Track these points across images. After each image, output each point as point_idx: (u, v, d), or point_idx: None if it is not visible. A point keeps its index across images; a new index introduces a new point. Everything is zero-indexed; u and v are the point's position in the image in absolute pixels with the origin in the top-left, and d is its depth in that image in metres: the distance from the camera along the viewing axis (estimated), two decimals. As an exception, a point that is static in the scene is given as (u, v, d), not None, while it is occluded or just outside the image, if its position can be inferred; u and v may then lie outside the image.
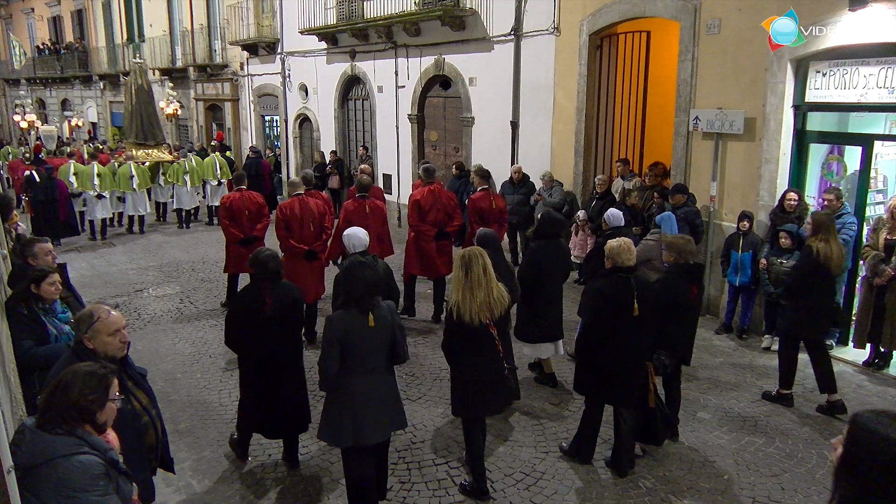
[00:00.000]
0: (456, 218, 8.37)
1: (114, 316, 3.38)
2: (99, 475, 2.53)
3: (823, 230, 5.78)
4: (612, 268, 4.80)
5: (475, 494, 4.73)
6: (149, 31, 23.64)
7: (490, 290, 4.35)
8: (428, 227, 8.16)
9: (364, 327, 4.01)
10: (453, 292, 4.42)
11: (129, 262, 11.94)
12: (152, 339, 7.99)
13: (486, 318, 4.33)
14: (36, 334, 4.33)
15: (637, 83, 10.30)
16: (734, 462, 5.16)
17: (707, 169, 8.44)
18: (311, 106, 17.14)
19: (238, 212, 8.57)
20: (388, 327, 4.13)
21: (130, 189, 14.17)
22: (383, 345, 4.13)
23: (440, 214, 8.21)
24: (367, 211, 8.05)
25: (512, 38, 11.36)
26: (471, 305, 4.29)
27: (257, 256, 4.94)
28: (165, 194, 15.54)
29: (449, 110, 13.41)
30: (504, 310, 4.50)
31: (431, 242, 8.18)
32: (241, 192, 8.78)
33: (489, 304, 4.34)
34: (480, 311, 4.30)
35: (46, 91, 32.58)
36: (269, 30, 17.59)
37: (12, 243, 6.62)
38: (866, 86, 6.84)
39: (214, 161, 15.63)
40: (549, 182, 10.38)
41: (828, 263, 5.74)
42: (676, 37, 8.79)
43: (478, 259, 4.36)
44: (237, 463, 5.23)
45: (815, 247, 5.77)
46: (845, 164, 7.65)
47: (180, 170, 14.96)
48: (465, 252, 4.44)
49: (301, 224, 7.57)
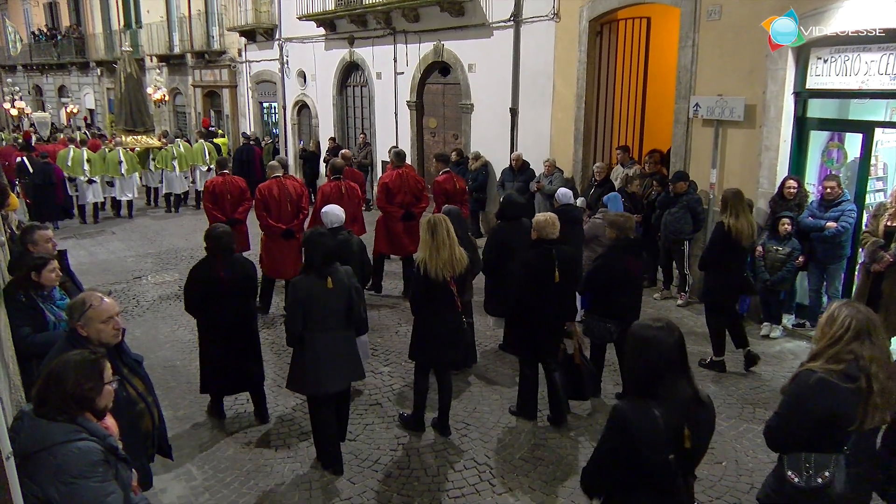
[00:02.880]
0: (423, 200, 8.84)
1: (107, 303, 3.35)
2: (98, 461, 2.53)
3: (732, 206, 6.25)
4: (537, 239, 5.34)
5: (411, 425, 5.45)
6: (146, 16, 23.46)
7: (452, 251, 4.98)
8: (395, 209, 8.66)
9: (323, 290, 4.60)
10: (420, 251, 5.06)
11: (127, 250, 11.93)
12: (151, 326, 7.99)
13: (448, 275, 4.95)
14: (34, 321, 4.32)
15: (637, 70, 10.25)
16: (733, 449, 5.17)
17: (707, 156, 8.41)
18: (309, 92, 17.06)
19: (221, 195, 8.86)
20: (345, 290, 4.72)
21: (119, 174, 14.55)
22: (341, 305, 4.71)
23: (408, 196, 8.72)
24: (343, 192, 8.46)
25: (511, 24, 11.28)
26: (436, 263, 4.90)
27: (211, 232, 5.40)
28: (155, 179, 16.01)
29: (448, 97, 13.35)
30: (464, 269, 5.08)
31: (399, 223, 8.65)
32: (223, 177, 9.07)
33: (451, 263, 4.96)
34: (444, 268, 4.92)
35: (43, 78, 32.40)
36: (266, 16, 17.47)
37: (9, 230, 6.60)
38: (868, 72, 6.80)
39: (203, 147, 16.07)
40: (550, 168, 10.36)
41: (739, 237, 6.21)
42: (677, 23, 8.73)
43: (442, 224, 5.00)
44: (237, 448, 5.24)
45: (726, 222, 6.23)
46: (846, 151, 7.62)
47: (168, 155, 15.43)
48: (430, 217, 5.09)
49: (279, 204, 8.05)
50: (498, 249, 6.34)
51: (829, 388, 2.83)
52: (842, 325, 2.91)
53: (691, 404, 2.60)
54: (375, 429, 5.54)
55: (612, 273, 5.56)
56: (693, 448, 2.61)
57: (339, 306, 4.70)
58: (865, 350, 2.86)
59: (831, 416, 2.85)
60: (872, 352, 2.86)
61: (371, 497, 4.63)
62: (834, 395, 2.83)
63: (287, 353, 5.81)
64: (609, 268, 5.59)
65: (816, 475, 2.93)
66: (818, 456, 2.93)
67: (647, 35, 10.02)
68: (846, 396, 2.83)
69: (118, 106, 17.32)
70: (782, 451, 3.09)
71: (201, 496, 4.67)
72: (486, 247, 6.56)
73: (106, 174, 14.45)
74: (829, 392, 2.83)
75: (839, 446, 2.91)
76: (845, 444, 2.91)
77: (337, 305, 4.68)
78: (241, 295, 5.35)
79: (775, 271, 7.11)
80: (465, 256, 5.11)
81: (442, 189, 8.78)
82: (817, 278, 7.29)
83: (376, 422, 5.65)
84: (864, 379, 2.82)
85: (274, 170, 8.35)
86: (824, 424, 2.87)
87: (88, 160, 14.22)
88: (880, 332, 2.93)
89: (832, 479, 2.91)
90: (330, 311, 4.66)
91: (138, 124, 17.14)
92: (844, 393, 2.82)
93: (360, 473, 4.90)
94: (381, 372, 6.61)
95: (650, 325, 2.69)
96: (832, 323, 2.96)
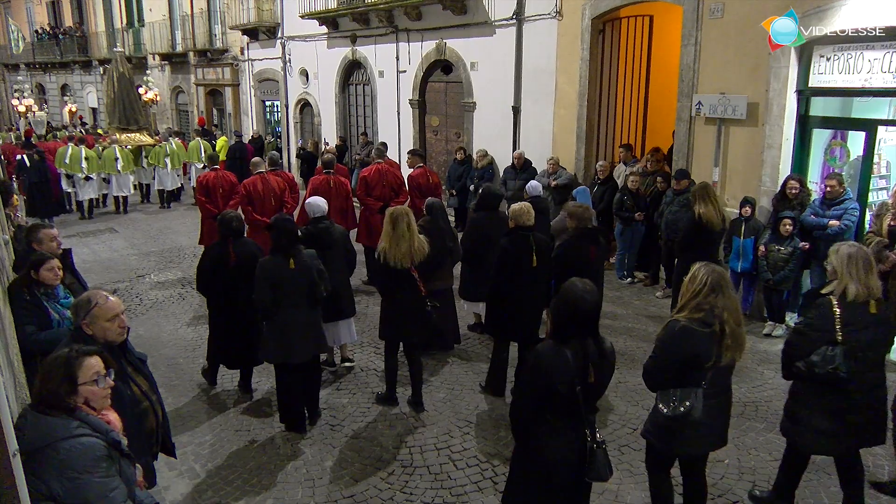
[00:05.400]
0: (402, 194, 9.12)
1: (111, 301, 3.35)
2: (101, 457, 2.54)
3: (701, 197, 7.10)
4: (514, 227, 5.69)
5: (386, 402, 5.83)
6: (148, 15, 23.48)
7: (412, 242, 5.34)
8: (373, 202, 8.92)
9: (287, 269, 5.09)
10: (381, 241, 5.41)
11: (130, 248, 11.96)
12: (154, 324, 8.01)
13: (408, 263, 5.34)
14: (38, 319, 4.34)
15: (639, 68, 10.25)
16: (734, 447, 5.17)
17: (709, 154, 8.41)
18: (311, 91, 17.07)
19: (213, 189, 9.28)
20: (307, 270, 5.18)
21: (115, 171, 14.98)
22: (304, 284, 5.17)
23: (386, 190, 9.02)
24: (331, 185, 8.80)
25: (514, 22, 11.28)
26: (395, 253, 5.30)
27: (223, 217, 5.94)
28: (148, 176, 16.45)
29: (450, 95, 13.35)
30: (424, 257, 5.43)
31: (376, 215, 8.74)
32: (215, 172, 9.52)
33: (410, 254, 5.33)
34: (403, 258, 5.31)
35: (46, 76, 32.43)
36: (269, 14, 17.47)
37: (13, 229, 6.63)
38: (871, 70, 6.80)
39: (199, 145, 16.43)
40: (554, 167, 10.35)
41: (710, 225, 7.04)
42: (679, 21, 8.73)
43: (404, 217, 5.36)
44: (240, 446, 5.27)
45: (697, 211, 7.09)
46: (848, 149, 7.61)
47: (161, 153, 15.82)
48: (393, 210, 5.44)
49: (262, 199, 8.43)
50: (476, 238, 6.65)
51: (691, 333, 3.44)
52: (701, 282, 3.51)
53: (595, 350, 3.17)
54: (378, 426, 5.56)
55: (572, 260, 5.83)
56: (596, 383, 3.18)
57: (303, 285, 5.18)
58: (719, 301, 3.46)
59: (693, 356, 3.47)
60: (724, 302, 3.46)
61: (374, 494, 4.64)
62: (694, 339, 3.45)
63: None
64: (569, 255, 5.89)
65: (679, 405, 3.52)
66: (682, 390, 3.53)
67: (649, 33, 10.02)
68: (704, 339, 3.45)
69: (111, 105, 17.92)
70: (656, 389, 3.69)
71: (205, 494, 4.68)
72: (465, 235, 6.91)
73: (103, 171, 14.85)
74: (691, 336, 3.45)
75: (698, 382, 3.52)
76: (703, 380, 3.52)
77: (300, 284, 5.17)
78: (249, 275, 5.60)
79: (777, 270, 7.11)
80: (426, 246, 5.49)
81: (416, 183, 9.19)
82: (820, 277, 7.28)
83: (379, 419, 5.67)
84: (717, 324, 3.44)
85: (257, 166, 8.75)
86: (688, 363, 3.49)
87: (86, 157, 14.61)
88: (730, 287, 3.55)
89: (692, 408, 3.50)
90: (294, 288, 5.14)
91: (131, 122, 17.56)
92: (702, 336, 3.44)
93: (362, 471, 4.91)
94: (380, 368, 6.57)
95: (583, 287, 3.18)
96: (693, 280, 3.54)
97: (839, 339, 3.73)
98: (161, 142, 16.42)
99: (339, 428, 5.53)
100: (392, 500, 4.59)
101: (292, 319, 5.17)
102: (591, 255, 5.95)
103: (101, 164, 14.79)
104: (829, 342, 3.76)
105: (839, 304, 3.80)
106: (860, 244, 3.98)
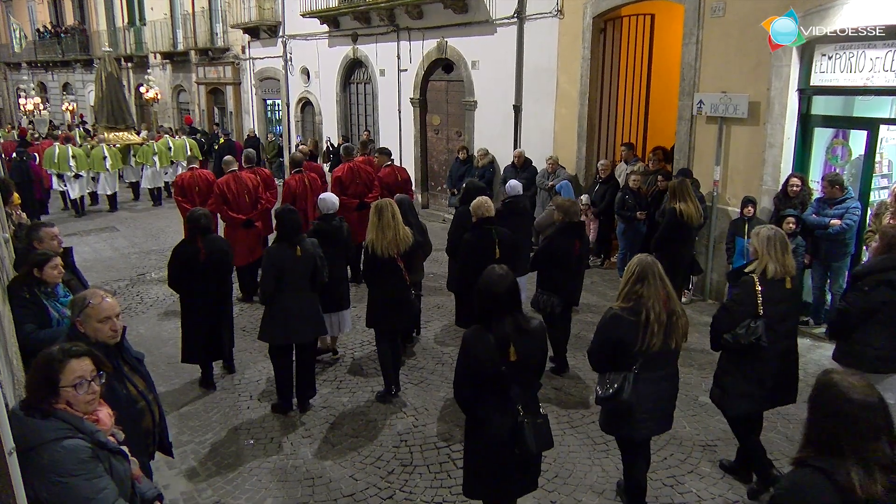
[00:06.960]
0: (374, 189, 9.26)
1: (107, 302, 3.29)
2: (86, 458, 2.50)
3: (680, 193, 7.21)
4: (477, 220, 6.02)
5: (385, 398, 5.96)
6: (150, 13, 23.48)
7: (397, 231, 5.58)
8: (349, 200, 9.01)
9: (293, 257, 5.39)
10: (368, 233, 5.62)
11: (131, 247, 11.96)
12: (154, 323, 8.01)
13: (394, 252, 5.56)
14: (38, 318, 4.34)
15: (641, 67, 10.22)
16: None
17: (711, 153, 8.39)
18: (312, 90, 17.06)
19: (188, 188, 9.33)
20: (311, 257, 5.49)
21: (104, 169, 15.16)
22: (308, 270, 5.50)
23: (360, 187, 9.20)
24: (307, 183, 8.99)
25: (515, 20, 11.27)
26: (381, 242, 5.52)
27: (191, 215, 6.10)
28: (136, 174, 16.70)
29: (451, 94, 13.33)
30: (409, 246, 5.67)
31: (353, 212, 8.94)
32: (192, 171, 9.54)
33: (396, 242, 5.56)
34: (389, 247, 5.53)
35: (48, 75, 32.41)
36: (270, 13, 17.47)
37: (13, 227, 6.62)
38: (872, 69, 6.77)
39: (185, 144, 16.52)
40: (553, 166, 10.33)
41: (689, 220, 7.19)
42: (681, 20, 8.71)
43: (388, 207, 5.61)
44: (240, 446, 5.26)
45: (676, 207, 7.17)
46: (850, 148, 7.59)
47: (149, 151, 15.97)
48: (378, 202, 5.72)
49: (236, 197, 8.52)
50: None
51: (619, 320, 3.74)
52: (631, 272, 3.78)
53: (515, 331, 3.34)
54: (378, 425, 5.56)
55: (556, 252, 6.04)
56: (523, 361, 3.36)
57: (306, 271, 5.49)
58: (645, 290, 3.70)
59: (619, 342, 3.75)
60: (650, 291, 3.70)
61: (374, 493, 4.63)
62: (622, 326, 3.73)
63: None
64: (554, 248, 6.06)
65: (609, 387, 3.80)
66: (614, 374, 3.82)
67: (650, 32, 9.99)
68: (629, 326, 3.71)
69: (99, 104, 17.96)
70: (596, 370, 4.02)
71: (204, 493, 4.68)
72: (451, 229, 7.01)
73: (91, 169, 15.01)
74: (619, 323, 3.74)
75: (629, 366, 3.77)
76: (634, 365, 3.76)
77: (304, 270, 5.48)
78: (219, 271, 6.05)
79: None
80: (410, 235, 5.74)
81: (384, 183, 9.32)
82: (821, 276, 7.27)
83: (379, 419, 5.67)
84: (644, 312, 3.68)
85: (230, 164, 8.83)
86: (617, 348, 3.77)
87: (74, 156, 14.73)
88: (658, 275, 3.73)
89: (620, 390, 3.75)
90: (298, 274, 5.45)
91: (119, 121, 17.75)
92: (628, 324, 3.71)
93: (362, 470, 4.91)
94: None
95: (499, 272, 3.42)
96: (627, 271, 3.82)
97: (760, 312, 4.12)
98: (160, 138, 16.57)
99: (339, 427, 5.53)
100: (392, 499, 4.59)
101: (296, 303, 5.47)
102: (575, 249, 6.11)
103: (90, 163, 14.96)
104: (751, 315, 4.14)
105: (760, 281, 4.15)
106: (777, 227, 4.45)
